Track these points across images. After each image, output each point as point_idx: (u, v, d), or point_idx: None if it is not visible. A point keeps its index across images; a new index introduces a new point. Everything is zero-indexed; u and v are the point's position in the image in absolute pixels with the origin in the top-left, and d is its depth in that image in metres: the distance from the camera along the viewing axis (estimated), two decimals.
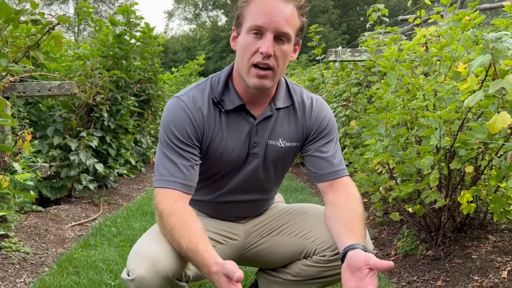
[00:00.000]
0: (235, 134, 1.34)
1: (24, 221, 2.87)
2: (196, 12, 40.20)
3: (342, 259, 1.15)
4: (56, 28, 2.90)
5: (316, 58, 4.64)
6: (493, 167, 1.98)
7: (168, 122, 1.28)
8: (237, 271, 1.02)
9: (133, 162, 4.61)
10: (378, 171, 2.40)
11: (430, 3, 2.33)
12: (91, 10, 4.24)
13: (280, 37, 1.20)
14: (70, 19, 2.97)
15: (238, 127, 1.33)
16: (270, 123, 1.36)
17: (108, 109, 3.99)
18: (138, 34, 4.77)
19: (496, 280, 1.78)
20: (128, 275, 1.18)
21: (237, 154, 1.35)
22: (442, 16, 2.34)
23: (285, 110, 1.38)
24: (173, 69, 8.77)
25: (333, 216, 1.29)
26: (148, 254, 1.18)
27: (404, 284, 2.03)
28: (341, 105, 3.84)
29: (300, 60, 19.44)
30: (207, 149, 1.33)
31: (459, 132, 1.88)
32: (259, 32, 1.20)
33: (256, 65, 1.21)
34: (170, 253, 1.19)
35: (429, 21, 2.39)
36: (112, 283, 2.00)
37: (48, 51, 3.93)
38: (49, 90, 3.11)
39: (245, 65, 1.23)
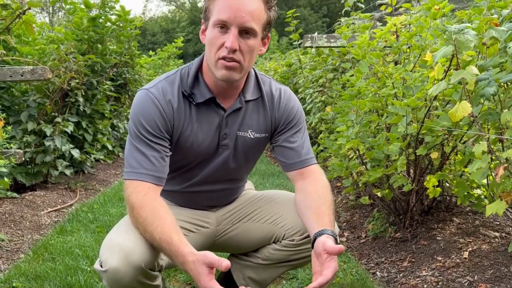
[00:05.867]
0: (205, 126, 1.35)
1: None
2: None
3: (313, 246, 1.21)
4: (28, 11, 2.84)
5: (294, 43, 4.65)
6: (458, 152, 2.07)
7: (137, 114, 1.28)
8: (224, 260, 1.07)
9: (110, 147, 4.58)
10: (350, 157, 2.46)
11: None
12: None
13: (245, 32, 1.22)
14: (41, 3, 2.91)
15: (208, 119, 1.35)
16: (240, 115, 1.38)
17: (83, 94, 3.94)
18: (113, 17, 4.68)
19: (457, 260, 1.88)
20: (101, 266, 1.20)
21: (207, 145, 1.37)
22: (413, 5, 2.39)
23: (254, 102, 1.40)
24: (151, 52, 8.65)
25: (304, 204, 1.33)
26: (121, 245, 1.19)
27: (373, 265, 2.11)
28: (317, 91, 3.89)
29: (280, 43, 19.36)
30: (177, 141, 1.34)
31: (425, 119, 1.94)
32: (224, 26, 1.21)
33: (223, 58, 1.23)
34: (142, 244, 1.20)
35: (400, 9, 2.44)
36: (88, 269, 2.02)
37: (20, 34, 3.83)
38: (22, 75, 3.06)
39: (212, 59, 1.25)
